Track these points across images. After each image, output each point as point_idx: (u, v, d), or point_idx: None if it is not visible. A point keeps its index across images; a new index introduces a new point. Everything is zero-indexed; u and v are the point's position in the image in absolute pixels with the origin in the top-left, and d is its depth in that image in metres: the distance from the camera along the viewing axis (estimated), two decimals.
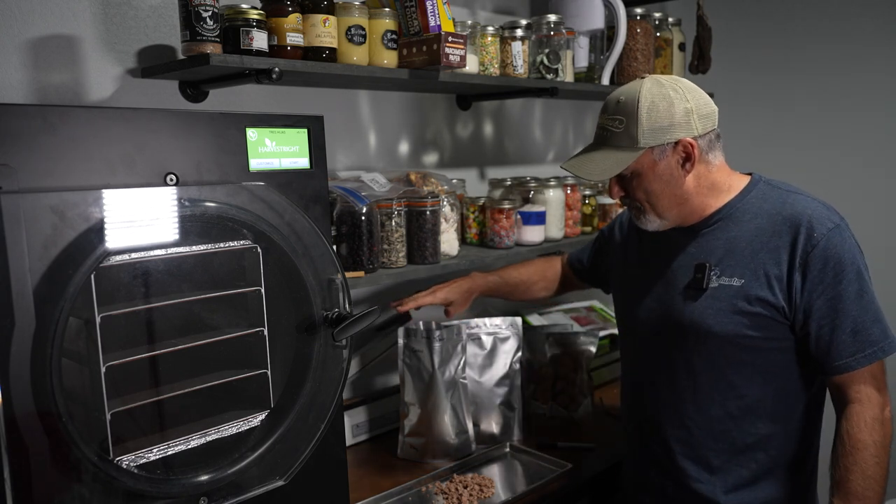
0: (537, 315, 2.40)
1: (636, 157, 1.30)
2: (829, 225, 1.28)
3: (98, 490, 0.99)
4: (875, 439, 1.26)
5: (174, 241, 1.07)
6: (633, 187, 1.36)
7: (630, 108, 1.30)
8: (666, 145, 1.30)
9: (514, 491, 1.60)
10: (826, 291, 1.27)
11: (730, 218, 1.37)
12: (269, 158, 1.19)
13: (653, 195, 1.35)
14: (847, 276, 1.26)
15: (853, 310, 1.26)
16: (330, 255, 1.24)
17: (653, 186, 1.34)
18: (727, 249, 1.35)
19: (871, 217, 2.63)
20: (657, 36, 2.29)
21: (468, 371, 1.82)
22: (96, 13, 1.44)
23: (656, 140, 1.30)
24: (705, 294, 1.35)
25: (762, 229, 1.33)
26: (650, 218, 1.38)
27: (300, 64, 1.43)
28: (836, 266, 1.26)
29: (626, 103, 1.31)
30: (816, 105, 2.75)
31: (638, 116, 1.29)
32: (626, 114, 1.31)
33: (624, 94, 1.33)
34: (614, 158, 1.32)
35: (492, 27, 1.86)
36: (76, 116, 0.97)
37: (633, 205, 1.40)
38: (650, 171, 1.32)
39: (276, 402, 1.22)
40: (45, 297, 0.91)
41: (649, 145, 1.30)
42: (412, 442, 1.76)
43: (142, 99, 1.52)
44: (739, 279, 1.32)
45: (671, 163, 1.32)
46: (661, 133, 1.29)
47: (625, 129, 1.31)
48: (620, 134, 1.31)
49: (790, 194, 1.36)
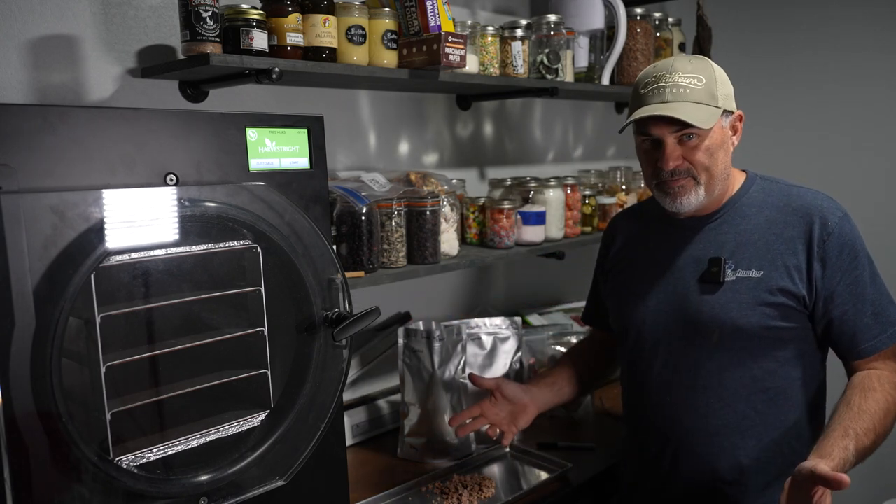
0: (537, 315, 2.40)
1: (719, 114, 1.30)
2: (839, 214, 1.33)
3: (98, 490, 0.99)
4: (890, 394, 1.28)
5: (174, 241, 1.07)
6: (699, 151, 1.31)
7: (708, 70, 1.32)
8: (731, 113, 1.35)
9: (514, 491, 1.60)
10: (845, 277, 1.31)
11: (735, 212, 1.38)
12: (269, 158, 1.19)
13: (715, 161, 1.33)
14: (861, 261, 1.32)
15: (871, 293, 1.32)
16: (330, 255, 1.24)
17: (717, 152, 1.33)
18: (739, 242, 1.36)
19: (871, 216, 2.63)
20: (657, 36, 2.29)
21: (468, 371, 1.82)
22: (96, 13, 1.44)
23: (728, 105, 1.33)
24: (723, 288, 1.34)
25: (773, 221, 1.35)
26: (699, 192, 1.33)
27: (300, 64, 1.43)
28: (851, 252, 1.31)
29: (700, 66, 1.32)
30: (816, 105, 2.75)
31: (717, 77, 1.32)
32: (705, 74, 1.31)
33: (690, 59, 1.34)
34: (705, 112, 1.28)
35: (492, 27, 1.86)
36: (76, 116, 0.97)
37: (689, 173, 1.32)
38: (717, 135, 1.33)
39: (276, 402, 1.22)
40: (45, 297, 0.91)
41: (725, 108, 1.32)
42: (412, 442, 1.76)
43: (142, 99, 1.52)
44: (758, 271, 1.33)
45: (728, 132, 1.36)
46: (731, 100, 1.34)
47: (706, 87, 1.30)
48: (701, 91, 1.29)
49: (792, 187, 1.39)
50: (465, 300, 2.30)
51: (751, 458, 1.36)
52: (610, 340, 1.66)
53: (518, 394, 1.58)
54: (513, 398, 1.57)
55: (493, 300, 2.39)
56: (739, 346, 1.34)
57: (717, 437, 1.37)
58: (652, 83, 1.32)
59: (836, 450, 1.15)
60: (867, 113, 2.64)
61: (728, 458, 1.36)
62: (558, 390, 1.63)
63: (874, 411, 1.24)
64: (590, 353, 1.72)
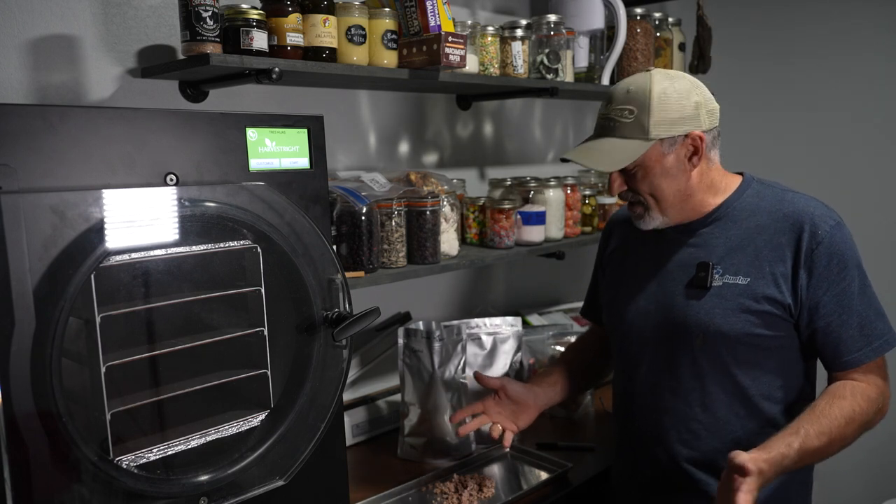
0: (537, 315, 2.40)
1: (647, 147, 1.28)
2: (831, 223, 1.30)
3: (98, 490, 0.99)
4: (858, 405, 1.26)
5: (174, 241, 1.07)
6: (638, 181, 1.33)
7: (641, 98, 1.28)
8: (676, 137, 1.29)
9: (514, 491, 1.60)
10: (832, 288, 1.28)
11: (727, 217, 1.37)
12: (269, 158, 1.19)
13: (658, 189, 1.33)
14: (850, 272, 1.29)
15: (858, 305, 1.29)
16: (330, 255, 1.24)
17: (659, 180, 1.32)
18: (728, 248, 1.35)
19: (871, 215, 2.63)
20: (657, 36, 2.29)
21: (468, 371, 1.82)
22: (96, 13, 1.44)
23: (667, 132, 1.28)
24: (710, 293, 1.34)
25: (763, 227, 1.33)
26: (652, 215, 1.36)
27: (300, 64, 1.43)
28: (840, 262, 1.28)
29: (636, 93, 1.29)
30: (816, 105, 2.75)
31: (650, 106, 1.27)
32: (636, 104, 1.28)
33: (633, 84, 1.31)
34: (623, 148, 1.29)
35: (492, 27, 1.86)
36: (76, 116, 0.97)
37: (635, 201, 1.37)
38: (657, 164, 1.30)
39: (276, 402, 1.22)
40: (45, 297, 0.91)
41: (660, 136, 1.28)
42: (412, 442, 1.76)
43: (142, 99, 1.52)
44: (745, 277, 1.32)
45: (679, 156, 1.31)
46: (672, 125, 1.28)
47: (635, 119, 1.28)
48: (630, 124, 1.29)
49: (787, 192, 1.36)
50: (465, 300, 2.30)
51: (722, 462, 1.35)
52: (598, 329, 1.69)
53: (522, 393, 1.58)
54: (517, 398, 1.57)
55: (493, 300, 2.39)
56: (722, 352, 1.34)
57: (698, 441, 1.37)
58: (599, 111, 1.36)
59: (779, 445, 1.18)
60: (867, 111, 2.64)
61: (709, 463, 1.37)
62: (560, 389, 1.63)
63: (835, 416, 1.24)
64: (590, 348, 1.73)
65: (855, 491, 2.72)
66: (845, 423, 1.24)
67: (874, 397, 1.28)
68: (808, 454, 1.21)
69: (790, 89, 2.81)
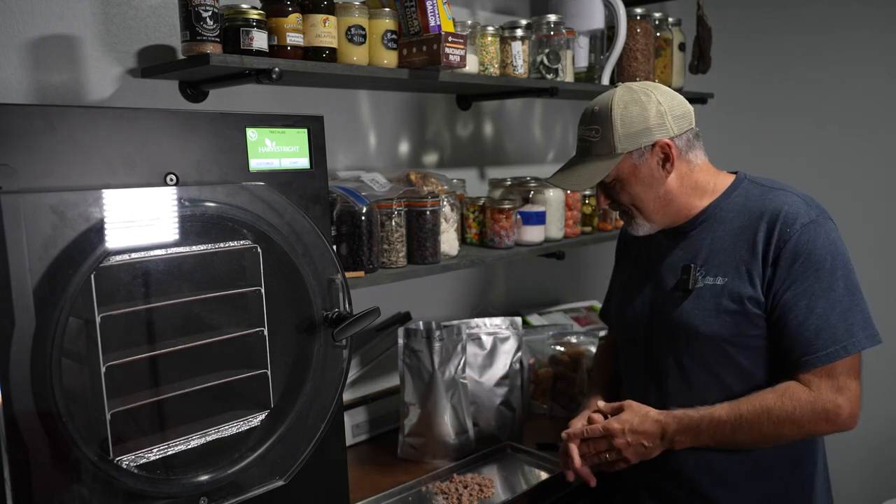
0: (537, 315, 2.40)
1: (616, 163, 1.32)
2: (804, 220, 1.28)
3: (98, 490, 0.99)
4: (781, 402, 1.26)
5: (174, 241, 1.07)
6: (618, 193, 1.38)
7: (604, 116, 1.33)
8: (644, 148, 1.33)
9: (514, 491, 1.60)
10: (793, 286, 1.27)
11: (714, 218, 1.38)
12: (269, 158, 1.19)
13: (637, 199, 1.37)
14: (816, 272, 1.26)
15: (819, 306, 1.26)
16: (330, 255, 1.24)
17: (636, 190, 1.36)
18: (711, 249, 1.36)
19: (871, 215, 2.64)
20: (657, 36, 2.29)
21: (468, 371, 1.82)
22: (96, 13, 1.44)
23: (633, 144, 1.32)
24: (692, 295, 1.36)
25: (743, 227, 1.34)
26: (639, 222, 1.40)
27: (300, 64, 1.43)
28: (806, 261, 1.27)
29: (599, 112, 1.34)
30: (817, 104, 2.75)
31: (612, 123, 1.32)
32: (601, 122, 1.33)
33: (598, 103, 1.36)
34: (595, 168, 1.34)
35: (492, 27, 1.86)
36: (76, 116, 0.97)
37: (621, 210, 1.42)
38: (632, 176, 1.35)
39: (276, 402, 1.22)
40: (45, 297, 0.91)
41: (627, 150, 1.32)
42: (412, 442, 1.76)
43: (142, 99, 1.52)
44: (723, 278, 1.33)
45: (651, 165, 1.34)
46: (637, 137, 1.32)
47: (602, 137, 1.33)
48: (598, 143, 1.34)
49: (772, 191, 1.36)
50: (465, 300, 2.30)
51: (720, 463, 1.37)
52: None
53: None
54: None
55: (493, 300, 2.39)
56: (705, 352, 1.35)
57: None
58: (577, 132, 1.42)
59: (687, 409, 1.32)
60: (868, 109, 2.64)
61: (698, 463, 1.38)
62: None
63: (752, 404, 1.28)
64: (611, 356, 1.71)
65: (855, 491, 2.72)
66: (759, 412, 1.27)
67: (805, 400, 1.25)
68: (716, 424, 1.29)
69: (790, 89, 2.81)
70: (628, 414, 1.36)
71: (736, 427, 1.28)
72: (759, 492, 1.37)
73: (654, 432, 1.34)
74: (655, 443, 1.34)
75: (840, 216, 1.43)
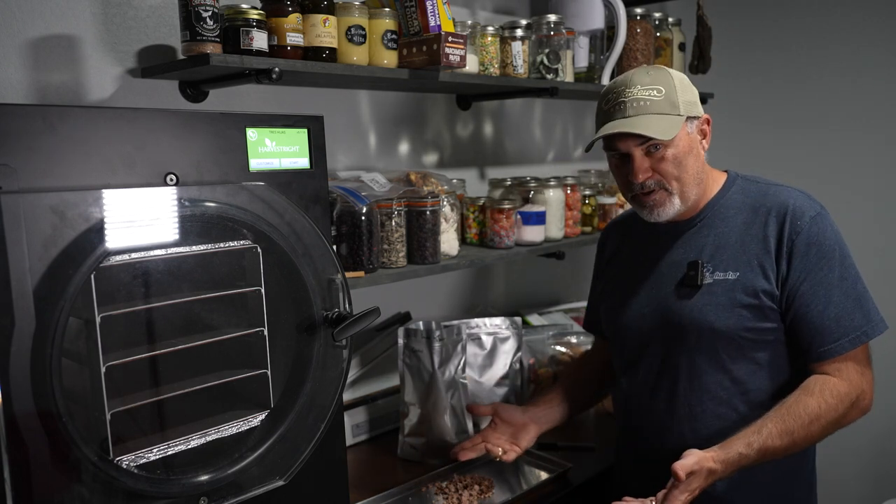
0: (537, 315, 2.40)
1: (682, 123, 1.31)
2: (812, 213, 1.31)
3: (98, 490, 0.99)
4: (826, 402, 1.26)
5: (174, 241, 1.07)
6: (666, 161, 1.31)
7: (665, 79, 1.32)
8: (697, 118, 1.35)
9: (514, 491, 1.60)
10: (809, 276, 1.29)
11: (714, 215, 1.39)
12: (269, 158, 1.19)
13: (685, 169, 1.33)
14: (829, 262, 1.29)
15: (835, 295, 1.28)
16: (330, 255, 1.24)
17: (686, 159, 1.33)
18: (717, 245, 1.36)
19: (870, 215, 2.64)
20: (657, 36, 2.29)
21: (468, 371, 1.82)
22: (96, 13, 1.44)
23: (691, 111, 1.33)
24: (701, 291, 1.35)
25: (749, 222, 1.35)
26: (672, 200, 1.35)
27: (300, 64, 1.43)
28: (818, 252, 1.29)
29: (658, 76, 1.32)
30: (816, 105, 2.75)
31: (675, 86, 1.31)
32: (663, 83, 1.31)
33: (648, 70, 1.34)
34: (663, 122, 1.29)
35: (492, 27, 1.86)
36: (76, 116, 0.97)
37: (659, 185, 1.33)
38: (684, 143, 1.33)
39: (276, 402, 1.22)
40: (45, 297, 0.91)
41: (688, 114, 1.32)
42: (412, 442, 1.76)
43: (142, 99, 1.52)
44: (734, 272, 1.33)
45: (696, 137, 1.36)
46: (693, 106, 1.34)
47: (665, 97, 1.30)
48: (661, 102, 1.30)
49: (770, 186, 1.39)
50: (465, 300, 2.30)
51: None
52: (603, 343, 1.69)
53: (516, 415, 1.62)
54: (511, 420, 1.61)
55: (493, 300, 2.39)
56: (718, 348, 1.34)
57: (698, 440, 1.37)
58: (613, 99, 1.33)
59: (738, 445, 1.23)
60: (867, 110, 2.64)
61: None
62: (557, 406, 1.65)
63: (799, 415, 1.25)
64: (591, 364, 1.73)
65: (855, 491, 2.72)
66: (809, 422, 1.25)
67: (844, 393, 1.27)
68: (770, 453, 1.25)
69: (790, 88, 2.81)
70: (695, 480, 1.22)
71: (789, 445, 1.26)
72: (763, 488, 1.37)
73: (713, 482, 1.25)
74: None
75: (839, 214, 1.44)
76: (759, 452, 1.24)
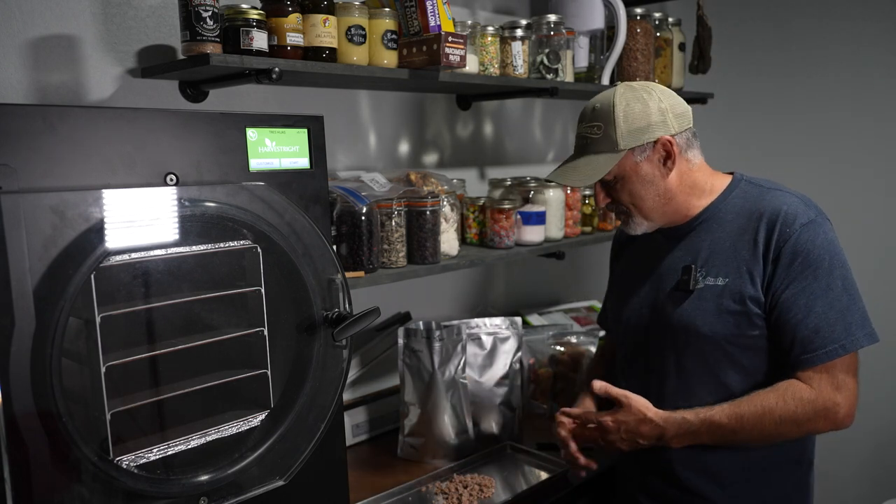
0: (537, 315, 2.40)
1: (618, 159, 1.32)
2: (803, 220, 1.29)
3: (98, 490, 0.99)
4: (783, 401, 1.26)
5: (174, 241, 1.07)
6: (618, 191, 1.37)
7: (606, 112, 1.32)
8: (646, 145, 1.32)
9: (514, 491, 1.60)
10: (792, 284, 1.28)
11: (713, 219, 1.38)
12: (269, 158, 1.19)
13: (637, 197, 1.36)
14: (815, 271, 1.27)
15: (818, 305, 1.26)
16: (330, 255, 1.24)
17: (637, 188, 1.35)
18: (711, 250, 1.36)
19: (870, 215, 2.64)
20: (657, 36, 2.29)
21: (468, 371, 1.82)
22: (96, 13, 1.44)
23: (636, 141, 1.31)
24: (692, 296, 1.35)
25: (743, 228, 1.34)
26: (637, 221, 1.39)
27: (300, 64, 1.43)
28: (805, 261, 1.27)
29: (601, 109, 1.33)
30: (816, 105, 2.75)
31: (615, 119, 1.31)
32: (603, 119, 1.33)
33: (599, 101, 1.35)
34: (596, 163, 1.33)
35: (492, 27, 1.86)
36: (76, 116, 0.97)
37: (619, 210, 1.41)
38: (633, 173, 1.34)
39: (276, 402, 1.22)
40: (45, 297, 0.91)
41: (629, 146, 1.31)
42: (412, 442, 1.76)
43: (142, 99, 1.52)
44: (724, 278, 1.33)
45: (653, 162, 1.34)
46: (640, 133, 1.31)
47: (603, 133, 1.33)
48: (600, 139, 1.33)
49: (769, 191, 1.37)
50: (465, 300, 2.30)
51: (721, 465, 1.37)
52: None
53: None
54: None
55: (493, 300, 2.39)
56: (706, 353, 1.34)
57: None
58: (576, 130, 1.41)
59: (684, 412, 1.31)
60: (867, 110, 2.64)
61: (699, 465, 1.38)
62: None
63: (753, 404, 1.27)
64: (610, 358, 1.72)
65: (855, 491, 2.72)
66: (762, 413, 1.26)
67: (807, 399, 1.26)
68: (716, 429, 1.29)
69: (791, 89, 2.81)
70: (625, 414, 1.35)
71: (737, 429, 1.28)
72: (756, 490, 1.38)
73: (650, 435, 1.33)
74: (651, 442, 1.34)
75: (839, 216, 1.43)
76: (704, 423, 1.29)
